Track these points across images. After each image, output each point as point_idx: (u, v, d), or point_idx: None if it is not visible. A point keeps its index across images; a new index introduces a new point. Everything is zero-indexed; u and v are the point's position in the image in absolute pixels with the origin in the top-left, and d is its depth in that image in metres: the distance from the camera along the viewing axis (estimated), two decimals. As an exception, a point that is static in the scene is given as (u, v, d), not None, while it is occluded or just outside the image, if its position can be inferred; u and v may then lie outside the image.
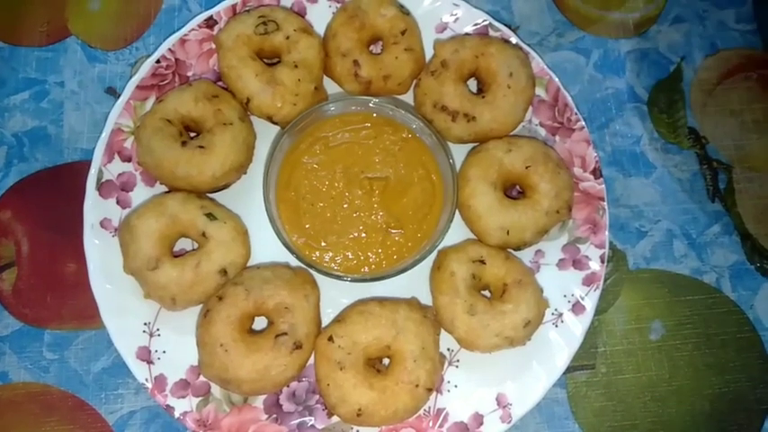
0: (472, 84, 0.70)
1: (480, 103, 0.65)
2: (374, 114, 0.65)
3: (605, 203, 0.67)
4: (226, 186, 0.66)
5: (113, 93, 0.70)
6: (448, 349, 0.64)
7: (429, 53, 0.70)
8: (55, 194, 0.67)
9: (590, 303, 0.65)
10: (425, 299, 0.64)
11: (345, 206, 0.62)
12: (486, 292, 0.64)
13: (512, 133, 0.68)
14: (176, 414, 0.59)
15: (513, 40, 0.70)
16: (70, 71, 0.71)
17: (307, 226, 0.62)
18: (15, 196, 0.67)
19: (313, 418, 0.61)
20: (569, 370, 0.66)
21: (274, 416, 0.60)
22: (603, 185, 0.68)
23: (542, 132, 0.70)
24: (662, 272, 0.70)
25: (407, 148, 0.64)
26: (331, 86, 0.69)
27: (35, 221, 0.66)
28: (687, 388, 0.67)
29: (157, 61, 0.67)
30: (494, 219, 0.62)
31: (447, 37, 0.71)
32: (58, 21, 0.73)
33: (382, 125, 0.65)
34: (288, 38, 0.65)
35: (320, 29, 0.69)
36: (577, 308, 0.65)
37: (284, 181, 0.63)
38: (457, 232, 0.64)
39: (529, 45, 0.71)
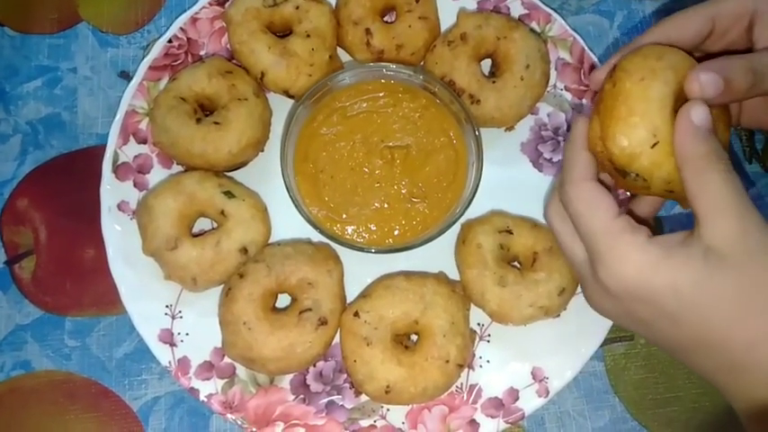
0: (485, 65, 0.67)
1: (488, 88, 0.62)
2: (391, 82, 0.63)
3: (638, 166, 0.64)
4: (243, 164, 0.64)
5: (126, 77, 0.69)
6: (478, 324, 0.62)
7: (444, 21, 0.68)
8: (71, 180, 0.66)
9: (626, 271, 0.62)
10: (452, 275, 0.62)
11: (366, 177, 0.60)
12: (516, 264, 0.62)
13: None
14: (201, 397, 0.58)
15: (536, 1, 0.68)
16: (82, 57, 0.70)
17: (327, 198, 0.60)
18: (32, 184, 0.66)
19: (342, 398, 0.59)
20: (607, 342, 0.63)
21: (302, 396, 0.59)
22: (635, 147, 0.65)
23: (568, 97, 0.67)
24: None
25: (427, 116, 0.62)
26: (343, 56, 0.67)
27: (52, 208, 0.65)
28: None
29: (169, 41, 0.66)
30: None
31: (461, 4, 0.69)
32: (69, 7, 0.72)
33: (400, 93, 0.62)
34: (297, 8, 0.63)
35: (332, -1, 0.67)
36: (613, 276, 0.62)
37: (302, 154, 0.61)
38: (481, 203, 0.61)
39: (551, 8, 0.69)
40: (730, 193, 0.38)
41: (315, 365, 0.59)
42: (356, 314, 0.56)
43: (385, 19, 0.68)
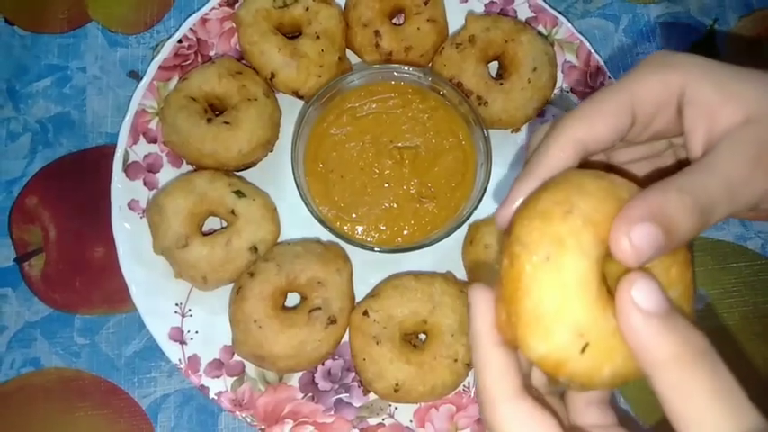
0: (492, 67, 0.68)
1: (496, 90, 0.63)
2: (401, 83, 0.63)
3: (643, 168, 0.65)
4: (252, 164, 0.64)
5: (136, 76, 0.70)
6: (485, 324, 0.62)
7: (452, 24, 0.68)
8: (80, 179, 0.66)
9: (631, 272, 0.62)
10: (459, 275, 0.62)
11: (375, 177, 0.61)
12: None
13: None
14: (211, 394, 0.58)
15: (542, 4, 0.69)
16: (92, 56, 0.71)
17: (336, 198, 0.61)
18: (41, 182, 0.66)
19: (350, 396, 0.59)
20: (612, 342, 0.63)
21: (310, 394, 0.59)
22: (641, 150, 0.65)
23: (574, 99, 0.68)
24: (704, 239, 0.68)
25: (436, 117, 0.63)
26: (351, 58, 0.68)
27: (61, 207, 0.66)
28: (736, 359, 0.65)
29: (179, 41, 0.67)
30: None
31: (469, 7, 0.70)
32: (78, 7, 0.72)
33: (410, 94, 0.63)
34: (307, 9, 0.64)
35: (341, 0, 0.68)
36: (618, 277, 0.62)
37: (312, 154, 0.61)
38: (489, 204, 0.62)
39: (557, 12, 0.70)
40: (726, 413, 0.26)
41: (323, 364, 0.60)
42: (365, 313, 0.57)
43: (393, 21, 0.68)
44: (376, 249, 0.59)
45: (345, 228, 0.60)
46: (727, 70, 0.32)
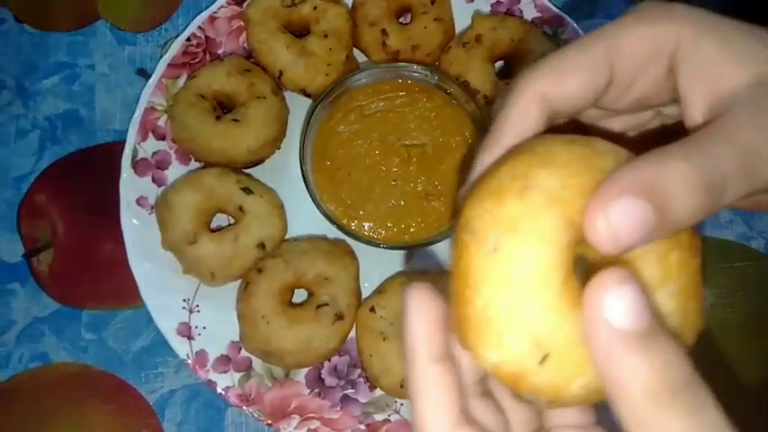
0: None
1: (502, 89, 0.63)
2: (408, 82, 0.64)
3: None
4: (260, 162, 0.65)
5: (144, 74, 0.70)
6: (490, 321, 0.62)
7: (458, 24, 0.69)
8: (89, 176, 0.67)
9: (636, 270, 0.63)
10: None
11: (382, 175, 0.61)
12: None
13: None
14: (219, 389, 0.58)
15: (548, 4, 0.69)
16: (100, 54, 0.71)
17: (344, 196, 0.61)
18: (50, 179, 0.67)
19: (356, 392, 0.60)
20: (616, 340, 0.63)
21: (317, 390, 0.59)
22: (645, 149, 0.66)
23: (579, 99, 0.68)
24: (708, 238, 0.68)
25: (443, 115, 0.63)
26: (359, 57, 0.68)
27: (70, 203, 0.66)
28: (738, 358, 0.65)
29: (188, 39, 0.67)
30: None
31: (475, 7, 0.70)
32: (87, 5, 0.73)
33: (417, 92, 0.63)
34: (315, 8, 0.64)
35: (348, -1, 0.69)
36: (623, 275, 0.63)
37: (320, 151, 0.62)
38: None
39: (563, 12, 0.70)
40: None
41: (329, 360, 0.60)
42: (372, 309, 0.57)
43: (400, 20, 0.69)
44: (383, 246, 0.59)
45: (352, 225, 0.61)
46: (733, 25, 0.26)
